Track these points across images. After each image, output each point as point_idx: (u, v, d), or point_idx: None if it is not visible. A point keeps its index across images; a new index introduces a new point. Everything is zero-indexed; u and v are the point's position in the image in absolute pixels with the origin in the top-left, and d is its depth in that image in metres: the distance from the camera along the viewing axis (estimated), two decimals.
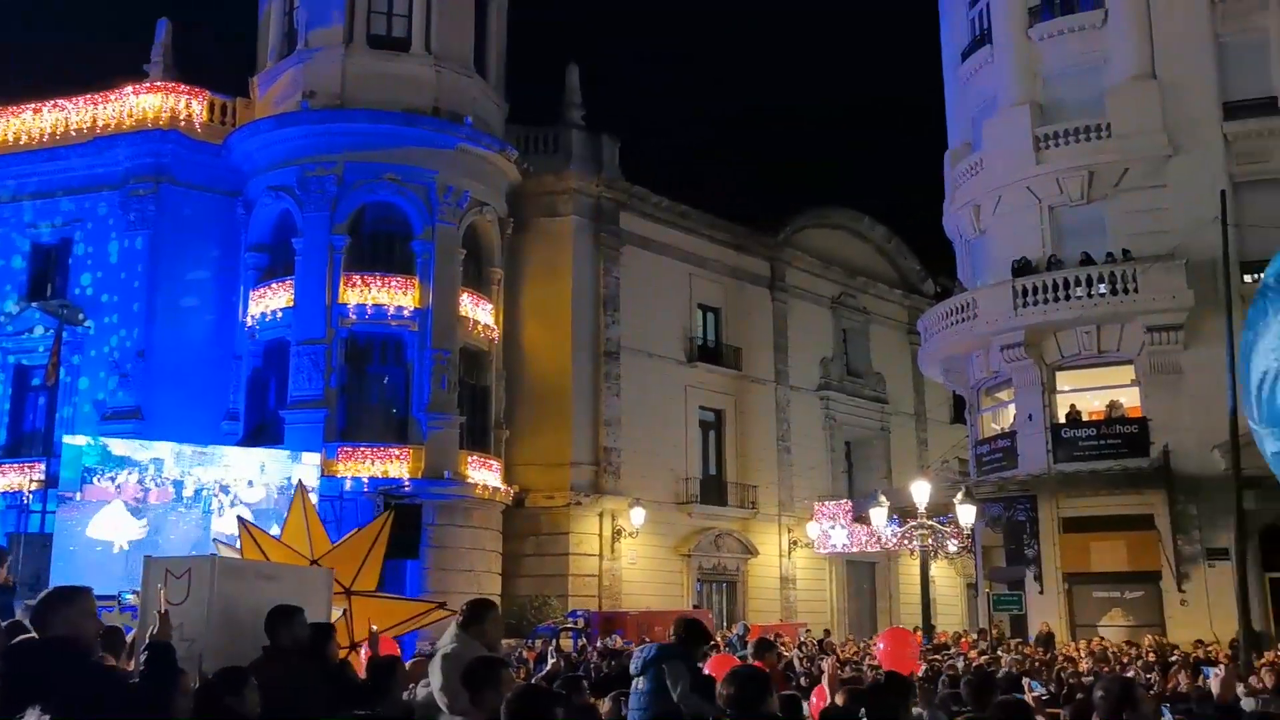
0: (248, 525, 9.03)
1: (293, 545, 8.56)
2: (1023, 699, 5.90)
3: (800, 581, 36.47)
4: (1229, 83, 26.54)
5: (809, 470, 37.59)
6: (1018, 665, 15.87)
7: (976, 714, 6.45)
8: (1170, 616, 24.30)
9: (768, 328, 37.72)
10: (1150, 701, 6.28)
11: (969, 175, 29.66)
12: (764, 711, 5.12)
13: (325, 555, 8.50)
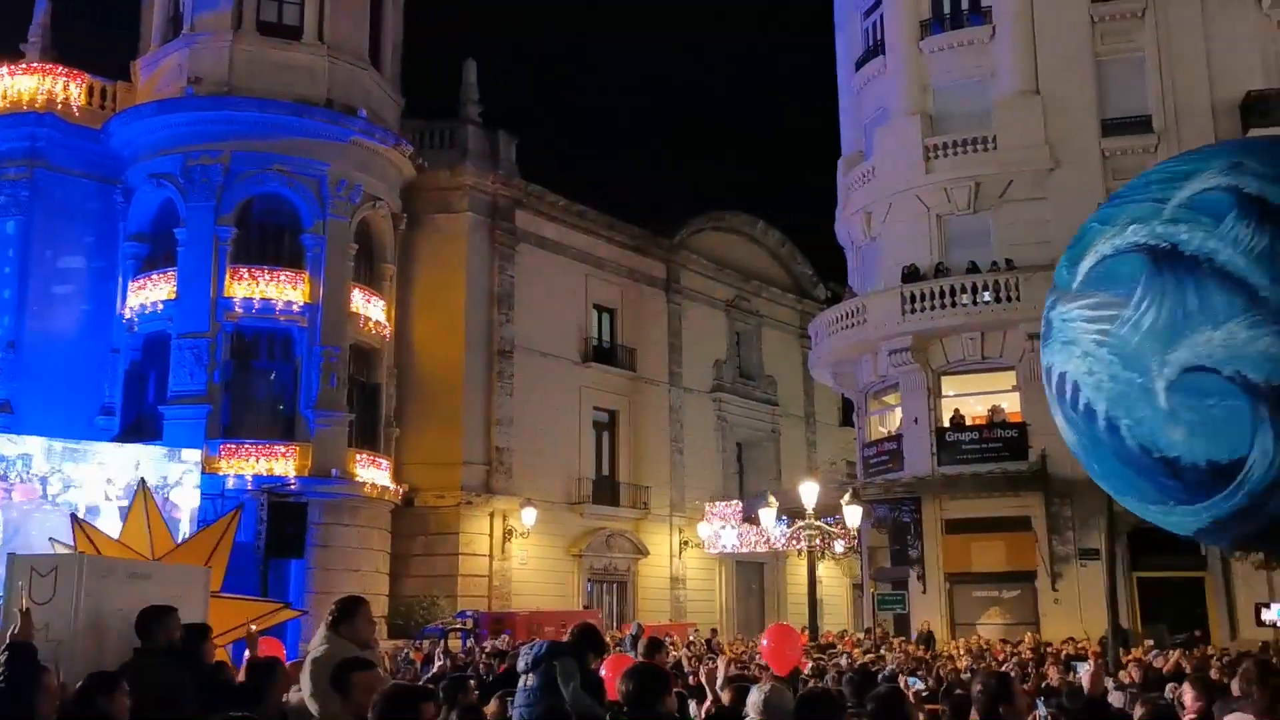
0: (82, 523, 8.69)
1: (131, 545, 8.23)
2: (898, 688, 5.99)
3: (690, 581, 36.72)
4: (1107, 101, 27.60)
5: (701, 471, 37.90)
6: (900, 663, 16.22)
7: (857, 708, 6.60)
8: (1044, 615, 25.14)
9: (662, 329, 37.91)
10: (1024, 696, 6.46)
11: (861, 183, 30.25)
12: (661, 710, 5.12)
13: (167, 555, 8.18)
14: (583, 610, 29.70)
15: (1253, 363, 3.87)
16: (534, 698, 7.08)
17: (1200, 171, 4.42)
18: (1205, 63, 27.03)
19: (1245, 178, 4.12)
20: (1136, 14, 27.82)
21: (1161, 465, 4.36)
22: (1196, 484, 4.30)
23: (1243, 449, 4.02)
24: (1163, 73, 27.36)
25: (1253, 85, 26.48)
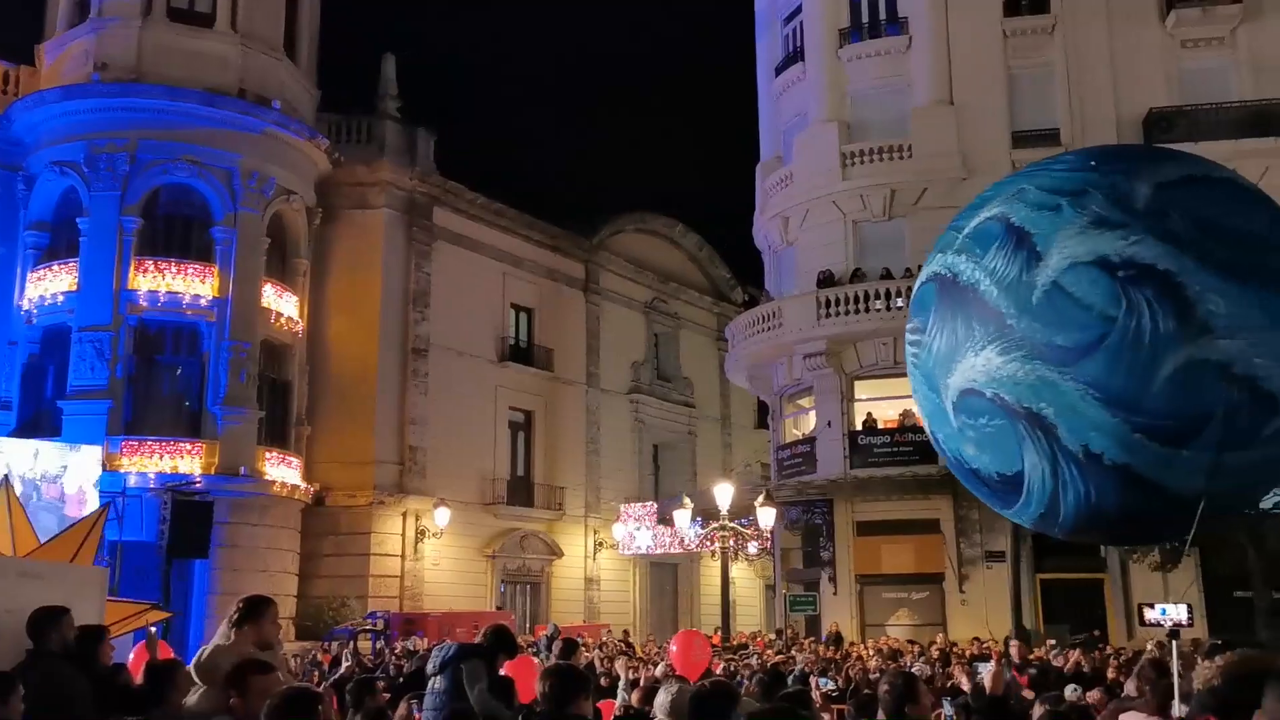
0: None
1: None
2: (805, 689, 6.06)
3: (604, 583, 36.70)
4: (1018, 112, 28.27)
5: (616, 472, 37.91)
6: (810, 664, 16.39)
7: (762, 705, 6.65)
8: (952, 616, 25.62)
9: (580, 330, 37.84)
10: (930, 696, 6.56)
11: (779, 188, 30.53)
12: (574, 712, 5.08)
13: (29, 554, 7.85)
14: (496, 611, 29.50)
15: (1006, 386, 4.01)
16: (441, 700, 7.00)
17: (992, 199, 4.55)
18: (1111, 78, 27.84)
19: (1017, 206, 4.21)
20: (1046, 29, 28.55)
21: (973, 475, 4.59)
22: (1000, 492, 4.51)
23: (1017, 464, 4.17)
24: (1071, 87, 28.11)
25: (1156, 102, 27.34)
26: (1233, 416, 3.43)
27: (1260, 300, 3.41)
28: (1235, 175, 3.94)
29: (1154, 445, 3.57)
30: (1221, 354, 3.41)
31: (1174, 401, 3.53)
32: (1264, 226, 3.58)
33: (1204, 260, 3.50)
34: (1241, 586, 22.21)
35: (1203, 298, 3.46)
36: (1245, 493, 3.69)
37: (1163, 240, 3.59)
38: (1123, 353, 3.60)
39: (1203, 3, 27.84)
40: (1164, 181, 3.80)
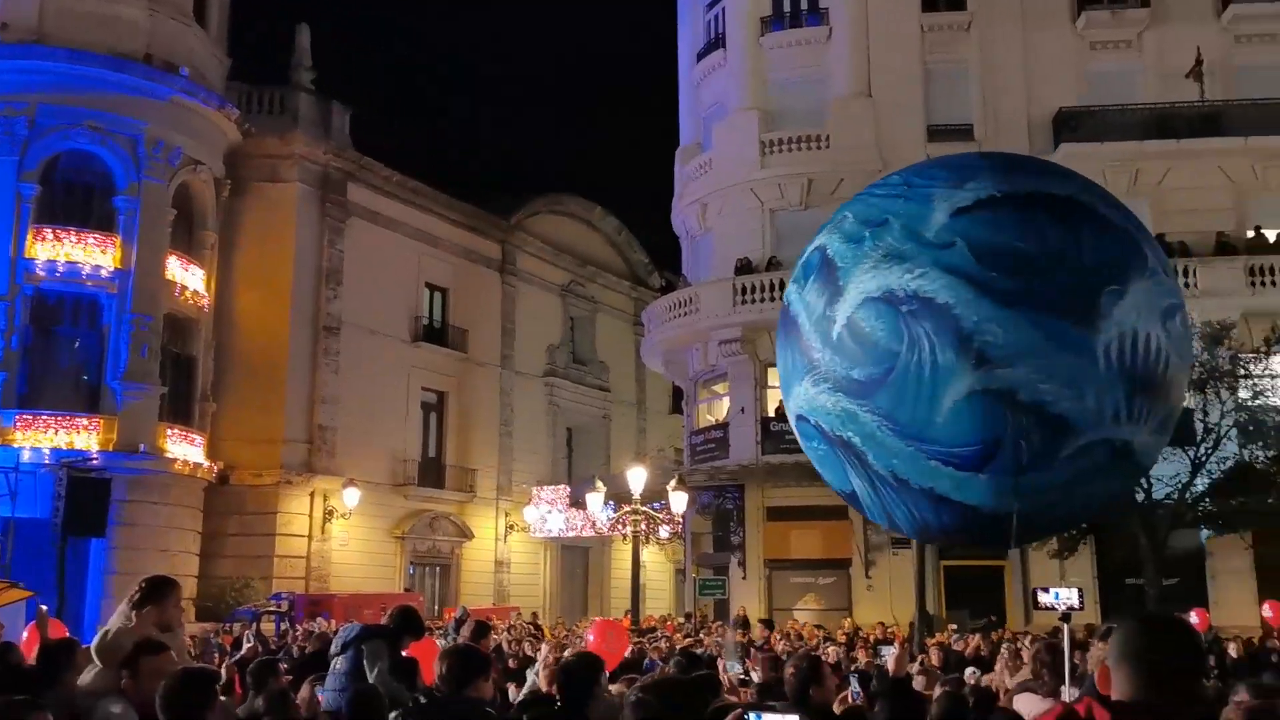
0: None
1: None
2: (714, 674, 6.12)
3: (515, 565, 36.56)
4: (934, 107, 28.72)
5: (529, 455, 37.75)
6: (718, 648, 16.50)
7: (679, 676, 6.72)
8: (857, 600, 26.07)
9: (496, 311, 37.55)
10: (834, 678, 6.65)
11: (698, 174, 30.62)
12: (473, 694, 5.04)
13: None
14: (404, 593, 29.21)
15: (821, 415, 4.10)
16: (343, 681, 6.89)
17: (825, 227, 4.62)
18: (1023, 77, 28.44)
19: (834, 236, 4.24)
20: (963, 26, 29.05)
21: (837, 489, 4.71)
22: (853, 504, 4.64)
23: (848, 485, 4.27)
24: (984, 84, 28.66)
25: (1065, 102, 28.00)
26: (1025, 441, 3.44)
27: (1039, 325, 3.38)
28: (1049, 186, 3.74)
29: (950, 470, 3.62)
30: (1002, 382, 3.42)
31: (960, 431, 3.56)
32: (1045, 248, 3.50)
33: (982, 289, 3.47)
34: (1134, 573, 22.94)
35: (980, 328, 3.44)
36: (1066, 508, 3.69)
37: (945, 272, 3.57)
38: (906, 386, 3.63)
39: (1112, 6, 28.58)
40: (958, 208, 3.73)
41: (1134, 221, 3.78)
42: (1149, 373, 3.40)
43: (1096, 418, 3.42)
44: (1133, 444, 3.48)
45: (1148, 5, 28.47)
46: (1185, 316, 3.56)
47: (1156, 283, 3.57)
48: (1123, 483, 3.65)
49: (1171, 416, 3.52)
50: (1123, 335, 3.39)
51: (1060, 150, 27.73)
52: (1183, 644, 2.74)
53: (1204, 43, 27.75)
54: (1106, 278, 3.45)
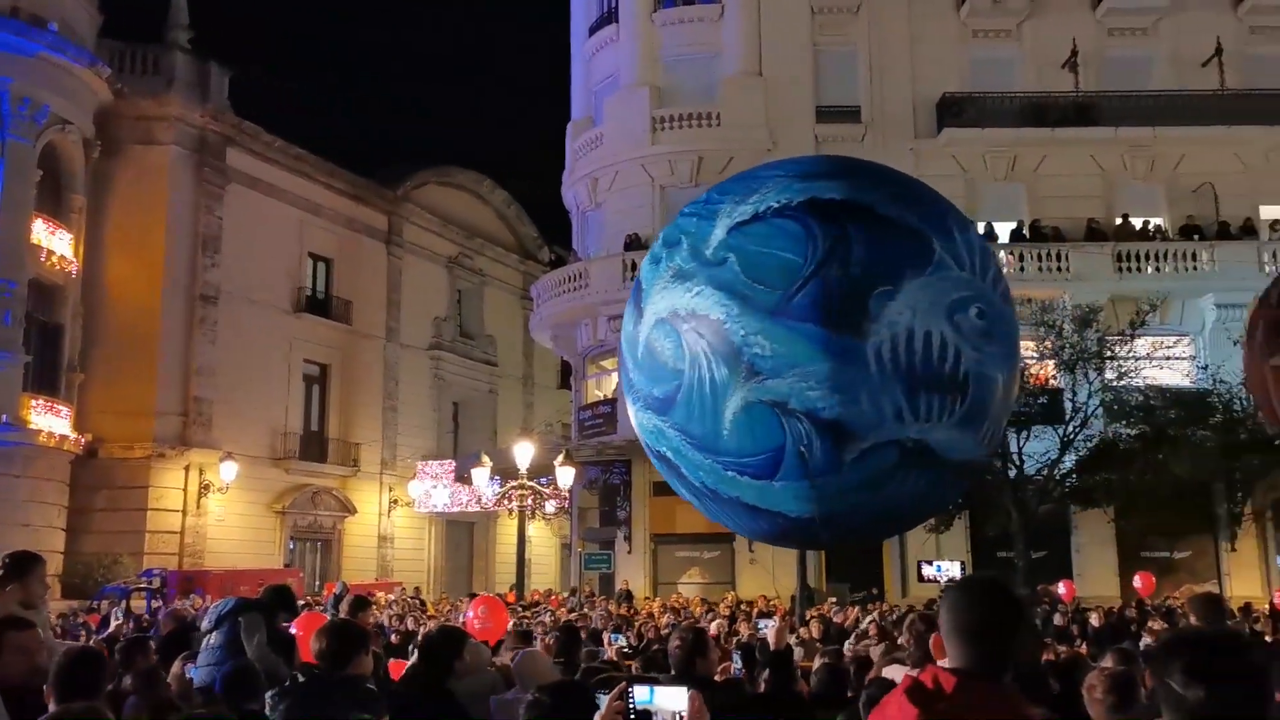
0: None
1: None
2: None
3: (399, 540, 36.12)
4: (823, 88, 29.09)
5: (414, 429, 37.28)
6: (603, 621, 16.58)
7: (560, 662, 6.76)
8: (741, 574, 26.44)
9: (381, 283, 36.87)
10: (718, 651, 6.72)
11: (589, 149, 30.48)
12: (353, 670, 4.96)
13: None
14: (284, 569, 28.61)
15: (642, 431, 4.20)
16: (218, 656, 6.70)
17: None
18: (910, 61, 29.00)
19: (646, 259, 4.30)
20: (851, 9, 29.45)
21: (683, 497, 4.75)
22: None
23: (686, 494, 4.39)
24: (872, 67, 29.14)
25: (949, 87, 28.65)
26: (805, 449, 3.52)
27: (802, 333, 3.43)
28: (828, 191, 3.73)
29: (747, 479, 3.72)
30: (773, 393, 3.49)
31: (744, 443, 3.65)
32: (812, 255, 3.51)
33: (748, 303, 3.53)
34: (1005, 547, 23.78)
35: (748, 341, 3.51)
36: (874, 508, 3.75)
37: (718, 289, 3.63)
38: (694, 402, 3.72)
39: None
40: (736, 223, 3.76)
41: (933, 215, 3.70)
42: (932, 371, 3.42)
43: (876, 420, 3.47)
44: (927, 442, 3.52)
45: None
46: (989, 308, 3.55)
47: (942, 278, 3.54)
48: (933, 479, 3.67)
49: (981, 409, 3.53)
50: (895, 336, 3.41)
51: (943, 135, 28.43)
52: (1001, 605, 2.83)
53: (1079, 35, 28.69)
54: (876, 280, 3.45)
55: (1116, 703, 4.21)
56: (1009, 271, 26.85)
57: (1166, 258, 27.31)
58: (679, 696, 3.28)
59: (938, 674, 2.72)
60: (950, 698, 2.67)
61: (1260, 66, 28.86)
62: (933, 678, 2.72)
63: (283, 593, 7.28)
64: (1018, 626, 2.85)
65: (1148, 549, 26.45)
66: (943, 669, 2.73)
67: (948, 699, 2.67)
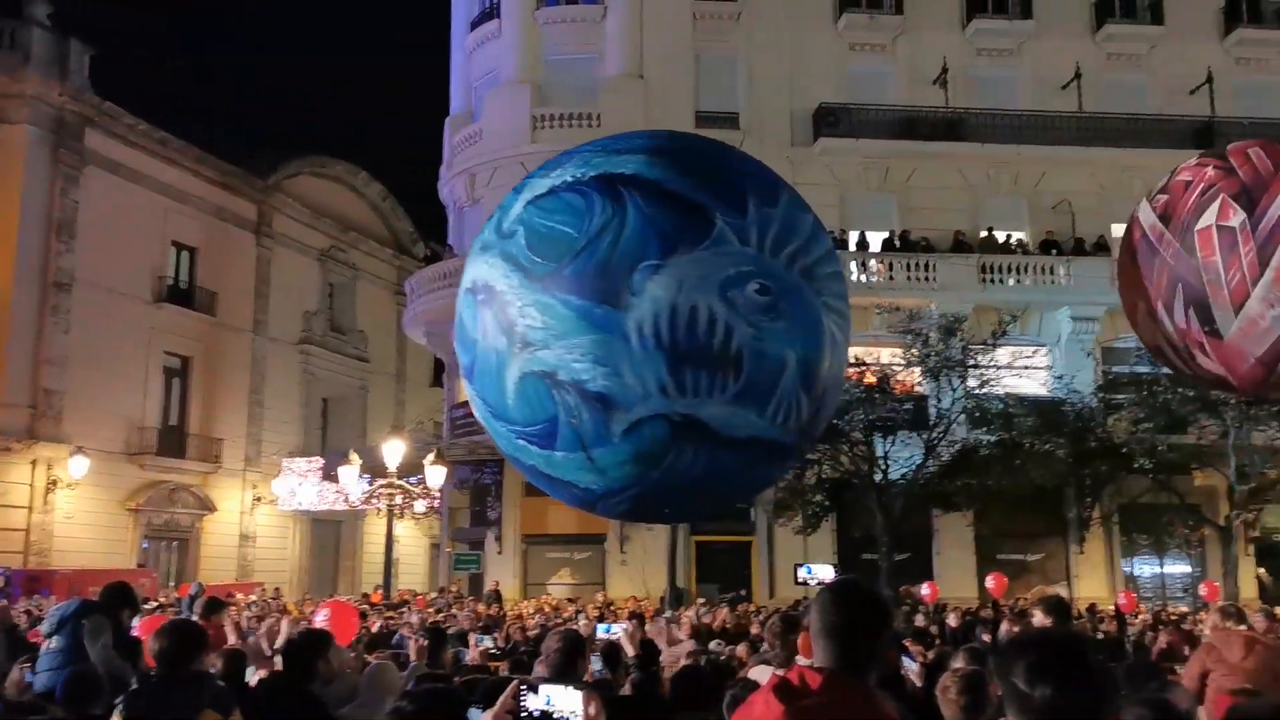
0: None
1: None
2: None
3: (261, 539, 35.09)
4: (703, 93, 29.39)
5: (281, 425, 36.27)
6: (471, 622, 16.39)
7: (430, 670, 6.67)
8: (611, 575, 26.50)
9: (249, 274, 35.76)
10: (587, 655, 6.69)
11: (468, 144, 30.16)
12: (193, 669, 4.84)
13: None
14: (136, 569, 27.51)
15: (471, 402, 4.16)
16: (60, 660, 6.37)
17: None
18: (788, 70, 29.52)
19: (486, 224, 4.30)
20: (733, 16, 29.83)
21: None
22: None
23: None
24: (752, 75, 29.56)
25: (825, 98, 29.24)
26: (575, 419, 3.61)
27: (569, 306, 3.49)
28: (621, 165, 3.73)
29: (535, 449, 3.80)
30: (543, 364, 3.56)
31: (524, 411, 3.72)
32: (588, 229, 3.55)
33: (526, 276, 3.59)
34: (870, 549, 24.35)
35: (523, 313, 3.57)
36: (659, 481, 3.81)
37: (505, 261, 3.69)
38: (487, 372, 3.79)
39: (869, 10, 30.05)
40: (534, 196, 3.80)
41: (728, 191, 3.67)
42: (699, 345, 3.46)
43: (641, 394, 3.52)
44: (698, 417, 3.57)
45: (901, 13, 30.11)
46: (777, 284, 3.57)
47: (719, 253, 3.54)
48: (722, 457, 3.71)
49: (762, 386, 3.58)
50: (657, 310, 3.46)
51: (818, 144, 28.99)
52: (867, 608, 2.90)
53: (949, 53, 29.62)
54: (643, 253, 3.50)
55: (970, 703, 4.31)
56: (878, 280, 27.59)
57: (1027, 271, 28.39)
58: (571, 698, 3.25)
59: (804, 672, 2.76)
60: (816, 695, 2.71)
61: (1115, 92, 30.25)
62: (799, 676, 2.75)
63: (123, 590, 6.97)
64: (883, 628, 2.90)
65: (1004, 551, 27.46)
66: (809, 667, 2.76)
67: (813, 696, 2.71)
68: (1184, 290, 5.29)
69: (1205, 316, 5.21)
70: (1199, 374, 5.59)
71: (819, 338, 3.72)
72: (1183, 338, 5.39)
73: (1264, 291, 5.02)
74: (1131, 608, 19.89)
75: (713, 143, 4.06)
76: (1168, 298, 5.38)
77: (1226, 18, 31.32)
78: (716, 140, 4.16)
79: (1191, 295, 5.27)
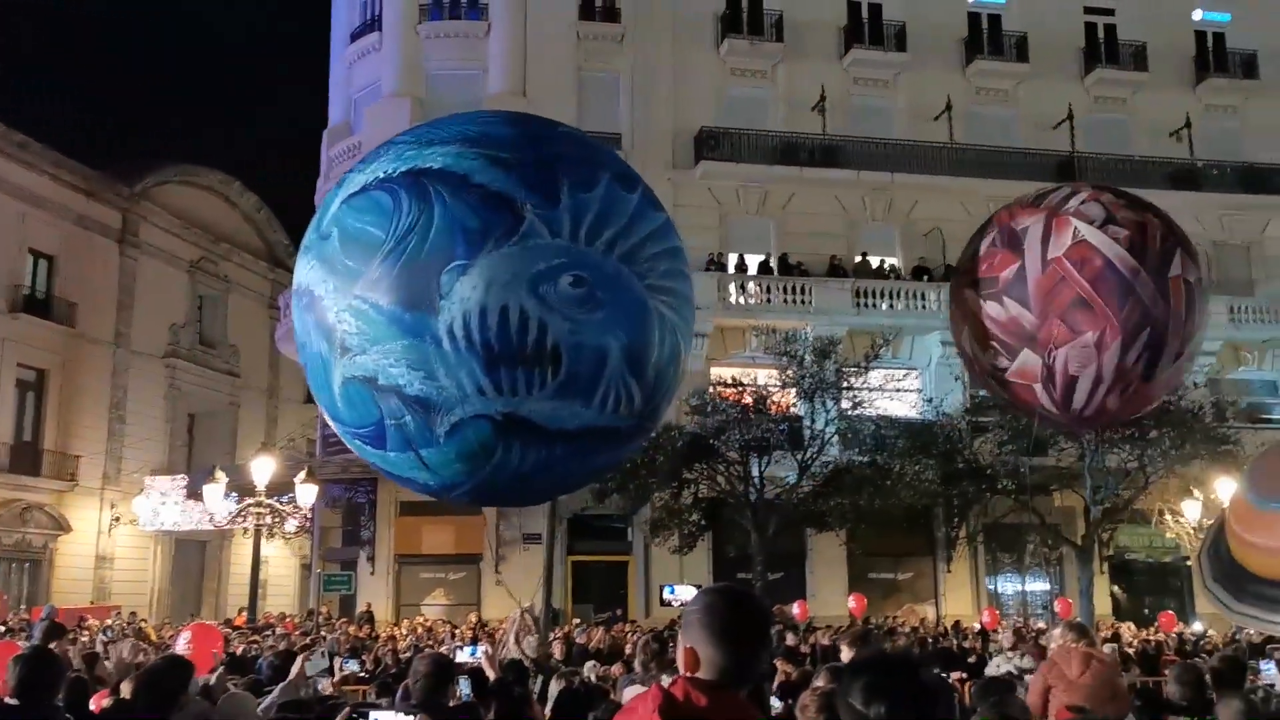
0: None
1: None
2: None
3: (120, 561, 33.62)
4: (586, 113, 29.39)
5: (144, 442, 34.89)
6: (340, 644, 15.98)
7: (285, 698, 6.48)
8: (486, 595, 26.19)
9: (112, 284, 34.37)
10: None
11: (346, 156, 29.61)
12: (50, 701, 4.63)
13: None
14: None
15: None
16: None
17: None
18: (671, 93, 29.81)
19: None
20: (616, 38, 30.01)
21: None
22: None
23: None
24: (635, 96, 29.75)
25: (707, 121, 29.61)
26: (399, 422, 3.62)
27: (380, 311, 3.46)
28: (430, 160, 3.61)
29: (369, 448, 3.83)
30: (363, 369, 3.56)
31: (352, 414, 3.73)
32: (395, 229, 3.50)
33: (340, 280, 3.56)
34: (745, 568, 24.57)
35: (340, 319, 3.55)
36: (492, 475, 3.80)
37: (322, 264, 3.65)
38: (316, 375, 3.80)
39: (751, 36, 30.58)
40: (348, 195, 3.73)
41: (541, 180, 3.56)
42: (513, 345, 3.43)
43: (458, 396, 3.51)
44: (519, 414, 3.54)
45: (782, 40, 30.71)
46: (593, 274, 3.49)
47: (528, 248, 3.46)
48: (555, 450, 3.69)
49: (585, 378, 3.56)
50: (467, 312, 3.43)
51: (699, 167, 29.32)
52: (756, 612, 2.89)
53: (828, 81, 30.32)
54: (450, 254, 3.44)
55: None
56: (755, 303, 27.98)
57: (899, 296, 29.14)
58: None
59: (689, 688, 2.71)
60: (699, 709, 2.67)
61: (984, 124, 31.39)
62: (684, 690, 2.70)
63: None
64: (768, 634, 2.91)
65: (875, 570, 28.04)
66: (691, 680, 2.71)
67: (697, 710, 2.67)
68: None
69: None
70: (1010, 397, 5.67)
71: (644, 322, 3.64)
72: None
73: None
74: (994, 624, 20.48)
75: (533, 124, 3.90)
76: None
77: (1086, 58, 32.80)
78: (539, 119, 4.01)
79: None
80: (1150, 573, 29.77)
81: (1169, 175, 31.46)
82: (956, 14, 32.38)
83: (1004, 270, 4.76)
